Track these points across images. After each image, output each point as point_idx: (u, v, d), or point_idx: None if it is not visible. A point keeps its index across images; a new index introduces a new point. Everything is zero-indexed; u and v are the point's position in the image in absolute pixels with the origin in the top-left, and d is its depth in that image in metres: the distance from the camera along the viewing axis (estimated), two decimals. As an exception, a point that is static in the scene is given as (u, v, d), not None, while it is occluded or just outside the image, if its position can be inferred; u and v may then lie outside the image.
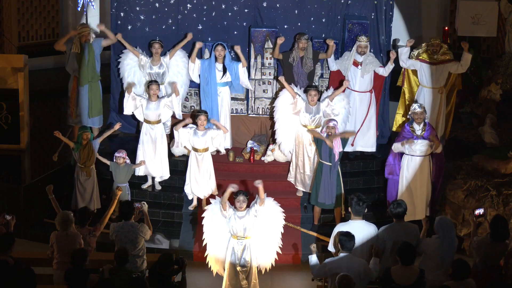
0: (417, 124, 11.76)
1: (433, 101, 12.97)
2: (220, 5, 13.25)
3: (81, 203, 11.91)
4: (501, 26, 15.37)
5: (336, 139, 11.60)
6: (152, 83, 12.26)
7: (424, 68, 12.89)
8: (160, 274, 8.80)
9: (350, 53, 12.77)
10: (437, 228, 9.34)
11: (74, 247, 9.43)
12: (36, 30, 16.59)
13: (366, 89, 12.82)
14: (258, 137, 13.30)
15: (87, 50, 12.70)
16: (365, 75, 12.70)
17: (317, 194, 11.86)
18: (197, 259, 11.51)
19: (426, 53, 12.95)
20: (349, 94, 12.79)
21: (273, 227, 10.27)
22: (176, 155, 12.93)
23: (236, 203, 10.05)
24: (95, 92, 12.93)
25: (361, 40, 12.65)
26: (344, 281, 8.34)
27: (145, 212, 10.18)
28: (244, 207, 10.04)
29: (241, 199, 10.05)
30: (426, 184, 11.91)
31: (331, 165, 11.68)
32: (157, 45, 12.74)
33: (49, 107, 15.23)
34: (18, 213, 11.10)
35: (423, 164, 11.81)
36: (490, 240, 9.38)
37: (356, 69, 12.71)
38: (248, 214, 10.01)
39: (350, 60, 12.73)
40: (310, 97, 12.12)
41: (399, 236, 9.43)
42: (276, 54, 12.80)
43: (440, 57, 12.91)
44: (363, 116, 12.86)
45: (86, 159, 11.90)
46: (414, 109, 11.79)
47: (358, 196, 9.70)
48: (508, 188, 11.71)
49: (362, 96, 12.81)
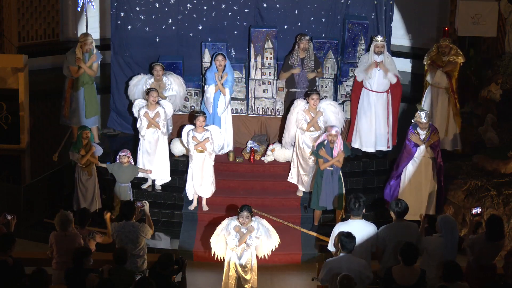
0: (421, 130, 11.77)
1: (441, 101, 13.00)
2: (220, 5, 13.26)
3: (83, 203, 11.89)
4: (501, 26, 15.37)
5: (338, 144, 11.60)
6: (152, 91, 12.20)
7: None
8: (160, 274, 8.79)
9: (368, 57, 12.68)
10: (440, 227, 9.33)
11: (74, 247, 9.41)
12: (36, 30, 16.57)
13: (384, 89, 12.78)
14: (258, 137, 13.29)
15: (87, 59, 12.70)
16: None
17: (318, 198, 11.84)
18: (197, 259, 11.51)
19: (436, 55, 12.96)
20: (367, 94, 12.77)
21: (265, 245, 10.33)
22: (176, 155, 12.92)
23: (240, 219, 10.06)
24: (90, 94, 12.90)
25: (377, 40, 12.60)
26: (345, 281, 8.34)
27: (147, 211, 10.18)
28: (248, 223, 10.05)
29: (245, 215, 10.03)
30: (430, 183, 11.91)
31: (332, 170, 11.68)
32: (158, 67, 12.63)
33: (49, 107, 15.22)
34: (18, 213, 11.06)
35: (427, 164, 11.83)
36: (485, 239, 9.38)
37: (375, 70, 12.67)
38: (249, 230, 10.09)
39: (372, 65, 12.61)
40: (312, 101, 12.09)
41: (399, 235, 9.43)
42: (282, 76, 12.79)
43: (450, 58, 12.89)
44: (381, 116, 12.82)
45: None
46: (420, 118, 11.72)
47: (356, 196, 9.69)
48: (508, 188, 11.71)
49: (379, 96, 12.78)
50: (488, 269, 9.40)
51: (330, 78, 13.22)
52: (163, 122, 12.18)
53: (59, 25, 16.83)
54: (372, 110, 12.77)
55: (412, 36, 16.93)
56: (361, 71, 12.73)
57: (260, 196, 12.34)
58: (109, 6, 13.56)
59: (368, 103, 12.76)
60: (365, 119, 12.84)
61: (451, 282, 8.53)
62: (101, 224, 11.88)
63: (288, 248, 11.55)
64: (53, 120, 14.18)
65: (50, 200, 12.54)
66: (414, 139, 11.77)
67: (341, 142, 11.68)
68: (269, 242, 10.29)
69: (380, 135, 12.87)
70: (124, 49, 13.28)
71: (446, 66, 12.97)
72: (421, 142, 11.75)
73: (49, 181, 12.56)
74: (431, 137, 11.76)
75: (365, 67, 12.66)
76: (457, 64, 13.03)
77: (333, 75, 13.23)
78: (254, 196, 12.34)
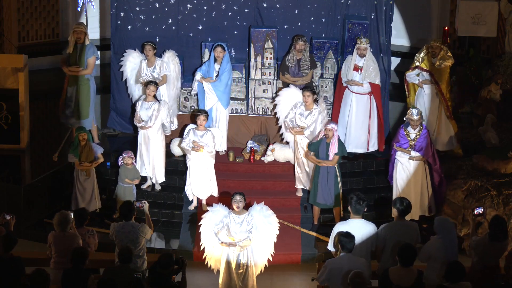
0: (413, 128, 11.77)
1: (432, 103, 12.96)
2: (220, 5, 13.26)
3: (82, 203, 11.89)
4: (501, 26, 15.36)
5: (332, 141, 11.62)
6: (151, 84, 12.23)
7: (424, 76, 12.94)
8: (160, 274, 8.79)
9: (352, 58, 12.72)
10: (437, 229, 9.33)
11: (72, 247, 9.41)
12: (36, 30, 16.57)
13: (365, 92, 12.80)
14: (258, 137, 13.30)
15: (79, 51, 12.66)
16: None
17: (315, 194, 11.87)
18: (197, 259, 11.50)
19: (427, 56, 12.94)
20: (348, 94, 12.79)
21: (268, 233, 10.25)
22: (176, 155, 12.92)
23: (233, 204, 10.06)
24: (83, 95, 12.77)
25: (360, 42, 12.62)
26: (358, 280, 8.30)
27: (146, 211, 10.18)
28: (242, 207, 10.05)
29: (238, 198, 10.07)
30: (421, 186, 11.91)
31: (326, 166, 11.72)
32: (148, 47, 12.68)
33: (49, 107, 15.22)
34: (18, 213, 11.10)
35: (416, 168, 11.83)
36: (489, 240, 9.37)
37: (356, 73, 12.68)
38: (246, 221, 10.04)
39: (351, 65, 12.67)
40: (304, 98, 12.12)
41: (399, 234, 9.43)
42: (282, 79, 12.83)
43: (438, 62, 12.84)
44: (361, 118, 12.82)
45: (85, 159, 11.89)
46: (412, 114, 11.74)
47: (357, 195, 9.69)
48: (508, 188, 11.71)
49: (359, 98, 12.79)
50: (492, 270, 9.40)
51: (330, 78, 13.22)
52: (156, 121, 12.18)
53: (59, 25, 16.83)
54: (352, 111, 12.79)
55: (412, 36, 16.93)
56: (344, 74, 12.77)
57: (260, 196, 12.32)
58: (109, 6, 13.57)
59: (346, 104, 12.80)
60: (342, 119, 12.87)
61: (454, 282, 8.52)
62: (101, 224, 11.94)
63: (288, 248, 11.55)
64: (53, 120, 14.18)
65: (50, 200, 12.54)
66: (400, 150, 11.79)
67: (336, 141, 11.67)
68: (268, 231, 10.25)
69: (356, 137, 12.89)
70: (124, 49, 13.27)
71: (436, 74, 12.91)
72: (407, 152, 11.78)
73: (49, 181, 12.56)
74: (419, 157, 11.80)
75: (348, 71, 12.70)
76: (446, 69, 12.95)
77: (333, 75, 13.23)
78: (254, 196, 12.31)
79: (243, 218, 10.07)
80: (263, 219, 10.16)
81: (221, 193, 12.32)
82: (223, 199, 12.14)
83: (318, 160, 11.76)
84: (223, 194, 12.30)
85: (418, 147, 11.77)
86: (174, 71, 12.92)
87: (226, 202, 12.15)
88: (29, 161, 13.16)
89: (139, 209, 10.19)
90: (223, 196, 12.23)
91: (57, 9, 16.78)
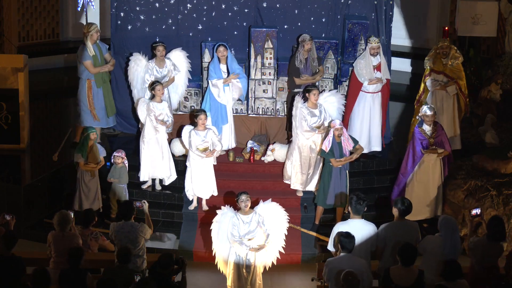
0: (427, 125, 11.76)
1: (446, 106, 12.99)
2: (220, 5, 13.26)
3: (86, 203, 11.87)
4: (501, 26, 15.38)
5: (345, 138, 11.61)
6: (158, 84, 12.23)
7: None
8: (160, 274, 8.79)
9: (366, 60, 12.68)
10: (440, 227, 9.33)
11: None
12: (36, 30, 16.58)
13: (378, 89, 12.81)
14: (258, 137, 13.30)
15: (97, 51, 12.74)
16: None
17: (325, 196, 11.82)
18: (197, 259, 11.52)
19: (437, 58, 12.93)
20: (363, 95, 12.76)
21: (277, 230, 10.25)
22: (176, 155, 12.92)
23: (241, 204, 10.05)
24: (109, 91, 13.04)
25: (372, 42, 12.61)
26: (350, 277, 8.32)
27: (146, 211, 10.18)
28: (249, 206, 10.04)
29: (244, 198, 10.05)
30: (438, 184, 11.91)
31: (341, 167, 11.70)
32: (161, 47, 12.70)
33: (49, 107, 15.23)
34: (18, 213, 11.10)
35: (434, 164, 11.83)
36: (487, 240, 9.37)
37: (378, 73, 12.66)
38: (254, 220, 10.03)
39: (370, 67, 12.63)
40: (314, 97, 12.07)
41: (399, 234, 9.43)
42: (299, 82, 12.71)
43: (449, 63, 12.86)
44: (377, 116, 12.83)
45: (92, 160, 11.88)
46: (425, 111, 11.72)
47: (357, 195, 9.69)
48: (508, 188, 11.70)
49: (375, 96, 12.80)
50: (491, 270, 9.40)
51: (330, 78, 13.23)
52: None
53: (59, 25, 16.84)
54: (367, 111, 12.79)
55: (412, 36, 16.93)
56: (362, 76, 12.70)
57: (260, 196, 12.30)
58: (109, 6, 13.57)
59: (363, 105, 12.78)
60: (358, 120, 12.85)
61: (451, 280, 8.53)
62: (101, 224, 11.94)
63: (288, 248, 11.52)
64: (53, 120, 14.17)
65: (50, 200, 12.54)
66: (428, 152, 11.74)
67: (347, 136, 11.66)
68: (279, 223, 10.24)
69: (374, 136, 12.89)
70: (124, 49, 13.28)
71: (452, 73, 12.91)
72: (434, 152, 11.74)
73: (49, 181, 12.56)
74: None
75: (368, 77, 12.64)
76: (459, 66, 13.00)
77: (333, 75, 13.23)
78: (254, 196, 12.30)
79: (251, 218, 10.06)
80: (272, 217, 10.16)
81: (221, 193, 12.31)
82: (224, 199, 12.16)
83: (350, 157, 11.67)
84: (223, 194, 12.30)
85: (438, 142, 11.76)
86: (184, 71, 12.98)
87: (226, 202, 12.18)
88: (29, 161, 13.16)
89: (139, 209, 10.20)
90: (223, 197, 12.24)
91: (57, 9, 16.79)
